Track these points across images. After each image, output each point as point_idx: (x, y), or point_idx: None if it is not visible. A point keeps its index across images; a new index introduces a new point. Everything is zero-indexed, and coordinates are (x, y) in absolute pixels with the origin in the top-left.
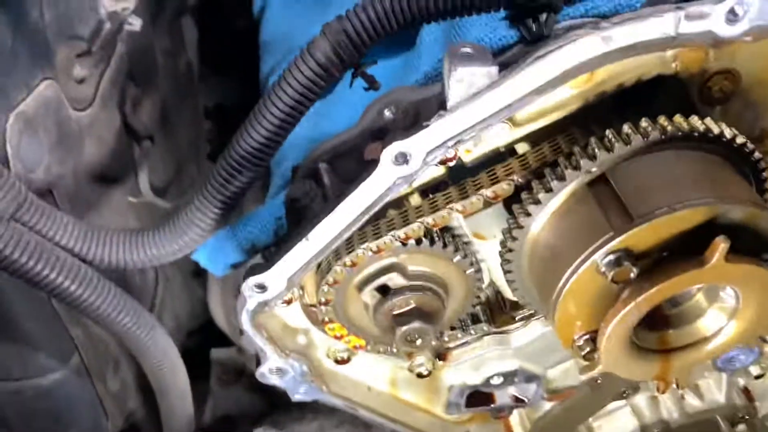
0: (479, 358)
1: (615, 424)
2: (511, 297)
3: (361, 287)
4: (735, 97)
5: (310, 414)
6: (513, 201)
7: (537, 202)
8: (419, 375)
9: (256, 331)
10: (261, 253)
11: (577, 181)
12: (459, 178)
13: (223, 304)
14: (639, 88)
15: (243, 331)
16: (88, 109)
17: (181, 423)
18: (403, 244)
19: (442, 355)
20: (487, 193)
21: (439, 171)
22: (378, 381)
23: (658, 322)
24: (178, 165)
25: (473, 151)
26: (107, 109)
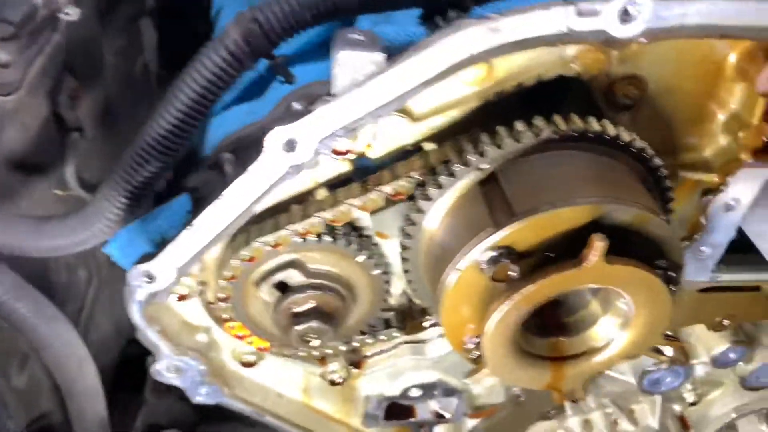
0: (395, 367)
1: None
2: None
3: (259, 283)
4: (643, 104)
5: (244, 428)
6: None
7: (428, 199)
8: (332, 382)
9: (148, 325)
10: None
11: (468, 179)
12: (366, 175)
13: None
14: (546, 91)
15: (135, 325)
16: (12, 95)
17: (92, 425)
18: (303, 240)
19: (356, 363)
20: (387, 189)
21: (345, 167)
22: (289, 388)
23: (553, 330)
24: None
25: (374, 147)
26: (35, 96)
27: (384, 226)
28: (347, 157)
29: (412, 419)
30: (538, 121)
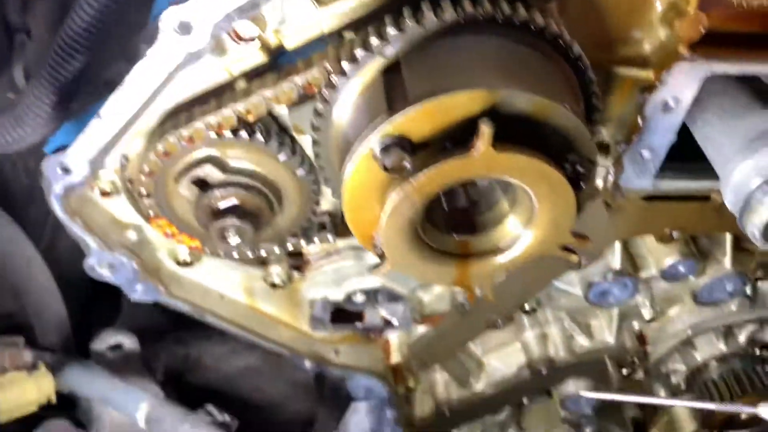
0: (338, 272)
1: (505, 360)
2: None
3: (178, 179)
4: None
5: (219, 336)
6: None
7: (333, 87)
8: (273, 285)
9: (71, 219)
10: None
11: (374, 66)
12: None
13: None
14: None
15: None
16: None
17: (51, 321)
18: (219, 135)
19: (298, 266)
20: (298, 80)
21: (261, 57)
22: (232, 290)
23: (464, 227)
24: None
25: (286, 34)
26: None
27: (303, 121)
28: (255, 44)
29: (360, 325)
30: (444, 3)
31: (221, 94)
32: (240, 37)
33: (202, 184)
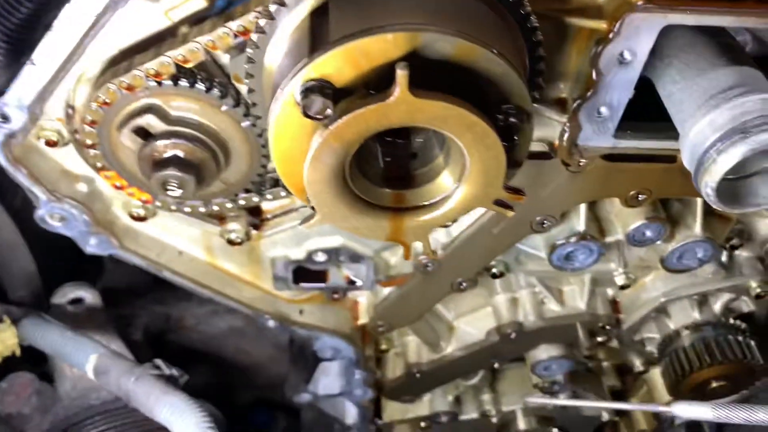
0: (298, 231)
1: (475, 324)
2: None
3: (120, 129)
4: None
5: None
6: None
7: (262, 32)
8: (231, 242)
9: (14, 168)
10: None
11: (301, 8)
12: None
13: None
14: None
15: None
16: None
17: (19, 278)
18: (159, 83)
19: (256, 224)
20: (233, 25)
21: (202, 2)
22: (190, 246)
23: (401, 182)
24: None
25: None
26: None
27: (243, 70)
28: None
29: (324, 284)
30: None
31: (161, 42)
32: None
33: (145, 135)
